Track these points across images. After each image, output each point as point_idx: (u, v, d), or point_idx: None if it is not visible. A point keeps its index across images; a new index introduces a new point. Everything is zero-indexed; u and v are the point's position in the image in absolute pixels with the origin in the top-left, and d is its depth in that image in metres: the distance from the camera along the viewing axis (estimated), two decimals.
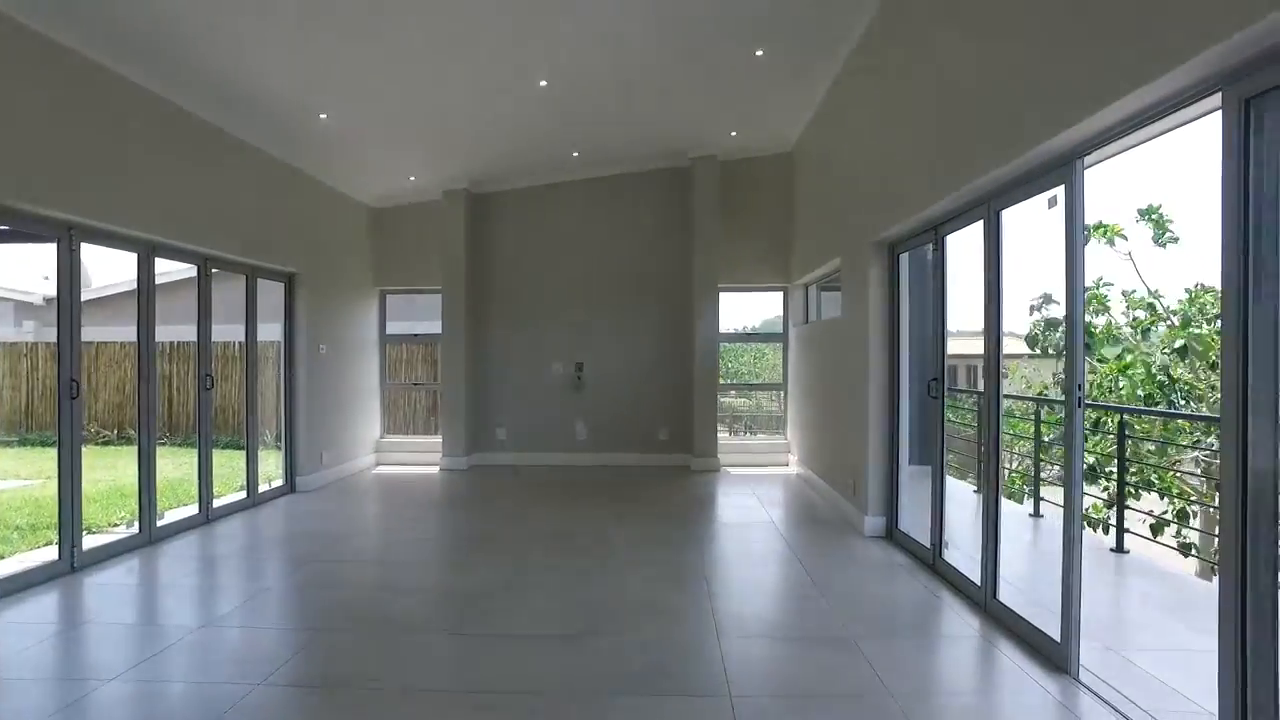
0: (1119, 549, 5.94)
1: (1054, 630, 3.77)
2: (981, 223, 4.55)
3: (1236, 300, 2.66)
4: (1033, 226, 4.15)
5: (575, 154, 9.19)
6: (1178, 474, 8.93)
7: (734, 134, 8.82)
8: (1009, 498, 9.05)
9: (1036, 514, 7.04)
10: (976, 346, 5.21)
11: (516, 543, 6.18)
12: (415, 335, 10.80)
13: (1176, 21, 2.70)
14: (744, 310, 11.61)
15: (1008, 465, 10.31)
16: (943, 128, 4.80)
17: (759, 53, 6.54)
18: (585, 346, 10.21)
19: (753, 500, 7.87)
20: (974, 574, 4.68)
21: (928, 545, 5.42)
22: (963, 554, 5.12)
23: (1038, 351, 10.36)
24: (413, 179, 9.39)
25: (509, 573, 5.34)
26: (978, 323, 4.75)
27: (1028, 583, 4.71)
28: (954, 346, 5.86)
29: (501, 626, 4.31)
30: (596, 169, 9.93)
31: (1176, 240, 9.87)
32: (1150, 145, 3.59)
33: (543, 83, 6.75)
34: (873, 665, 3.75)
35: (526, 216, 10.29)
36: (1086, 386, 9.61)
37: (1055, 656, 3.73)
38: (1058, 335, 10.16)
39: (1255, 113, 2.61)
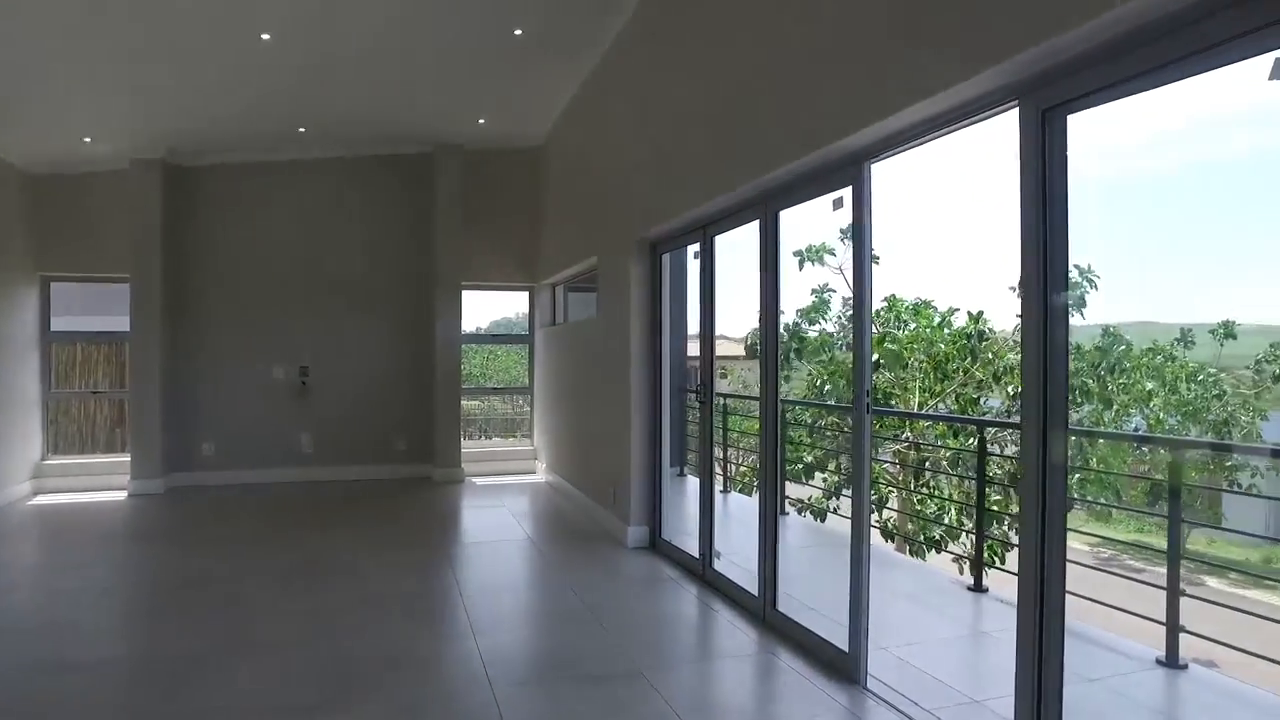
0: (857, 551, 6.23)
1: (840, 639, 3.68)
2: (758, 223, 4.43)
3: (1038, 305, 2.64)
4: (811, 227, 4.10)
5: (302, 129, 7.99)
6: (881, 463, 9.81)
7: (482, 121, 8.20)
8: (740, 491, 9.37)
9: (782, 512, 7.25)
10: (732, 349, 5.16)
11: (231, 584, 5.06)
12: (95, 333, 8.78)
13: (981, 27, 2.63)
14: (488, 309, 11.02)
15: (736, 462, 10.76)
16: (719, 125, 4.63)
17: (517, 32, 6.02)
18: (312, 347, 8.96)
19: (504, 513, 7.30)
20: (749, 584, 4.55)
21: (696, 555, 5.25)
22: (734, 562, 5.00)
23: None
24: (88, 140, 7.57)
25: (223, 626, 4.30)
26: (736, 325, 4.65)
27: (801, 587, 4.67)
28: (697, 348, 5.79)
29: (218, 702, 3.36)
30: (328, 148, 8.75)
31: (877, 260, 10.89)
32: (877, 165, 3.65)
33: (265, 36, 5.66)
34: (665, 698, 3.40)
35: (242, 196, 8.78)
36: (823, 389, 10.30)
37: (843, 667, 3.65)
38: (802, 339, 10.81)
39: (1052, 123, 2.61)
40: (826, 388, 10.39)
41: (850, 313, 11.02)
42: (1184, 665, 3.80)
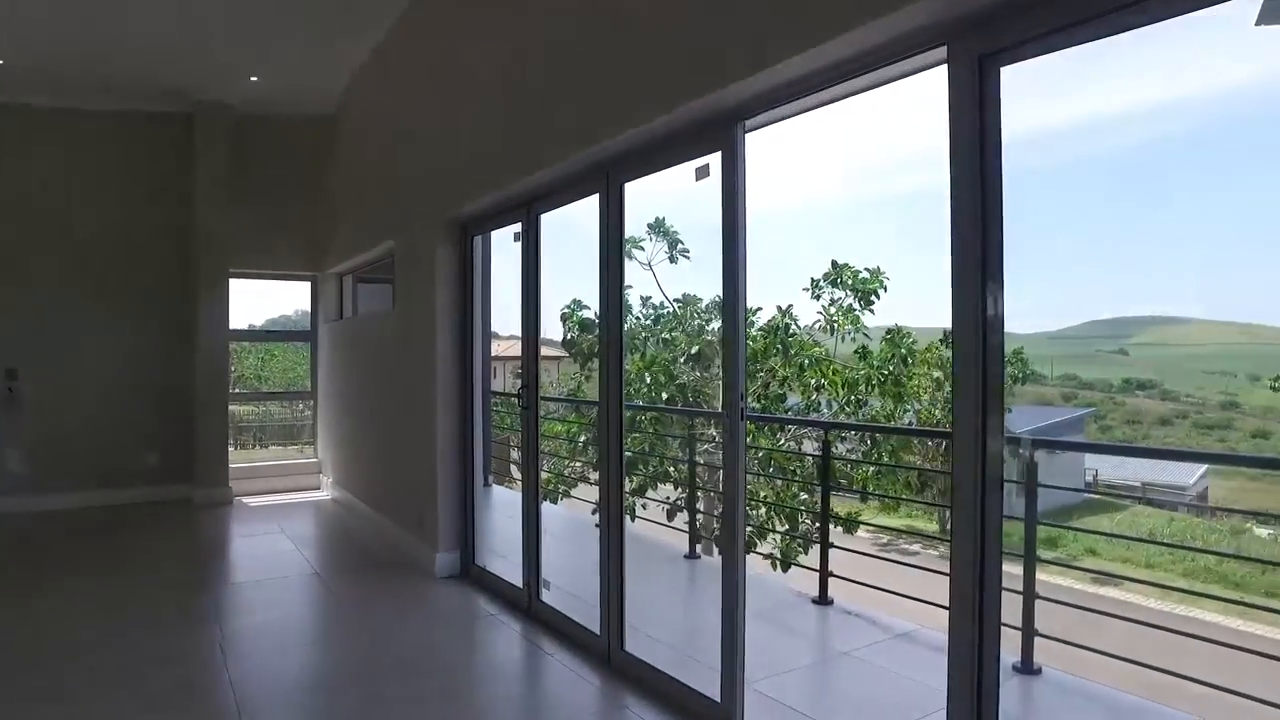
0: (691, 554, 5.73)
1: (710, 686, 3.06)
2: (597, 196, 3.72)
3: (973, 297, 2.15)
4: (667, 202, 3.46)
5: (1, 62, 6.21)
6: (683, 464, 9.47)
7: (255, 79, 6.82)
8: (548, 499, 8.65)
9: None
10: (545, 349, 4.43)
11: None
12: None
13: None
14: (269, 304, 9.46)
15: (552, 470, 10.03)
16: (549, 81, 3.87)
17: None
18: (26, 347, 7.08)
19: (283, 541, 6.04)
20: (588, 619, 3.82)
21: (520, 585, 4.44)
22: (569, 592, 4.25)
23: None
24: None
25: None
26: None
27: (655, 620, 4.01)
28: (506, 348, 5.03)
29: None
30: (49, 93, 6.93)
31: (688, 255, 10.59)
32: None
33: None
34: None
35: None
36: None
37: (716, 718, 3.02)
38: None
39: (989, 73, 2.12)
40: (643, 387, 9.95)
41: (666, 311, 10.67)
42: (1038, 670, 3.59)
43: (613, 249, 3.66)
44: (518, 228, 4.53)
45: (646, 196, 3.86)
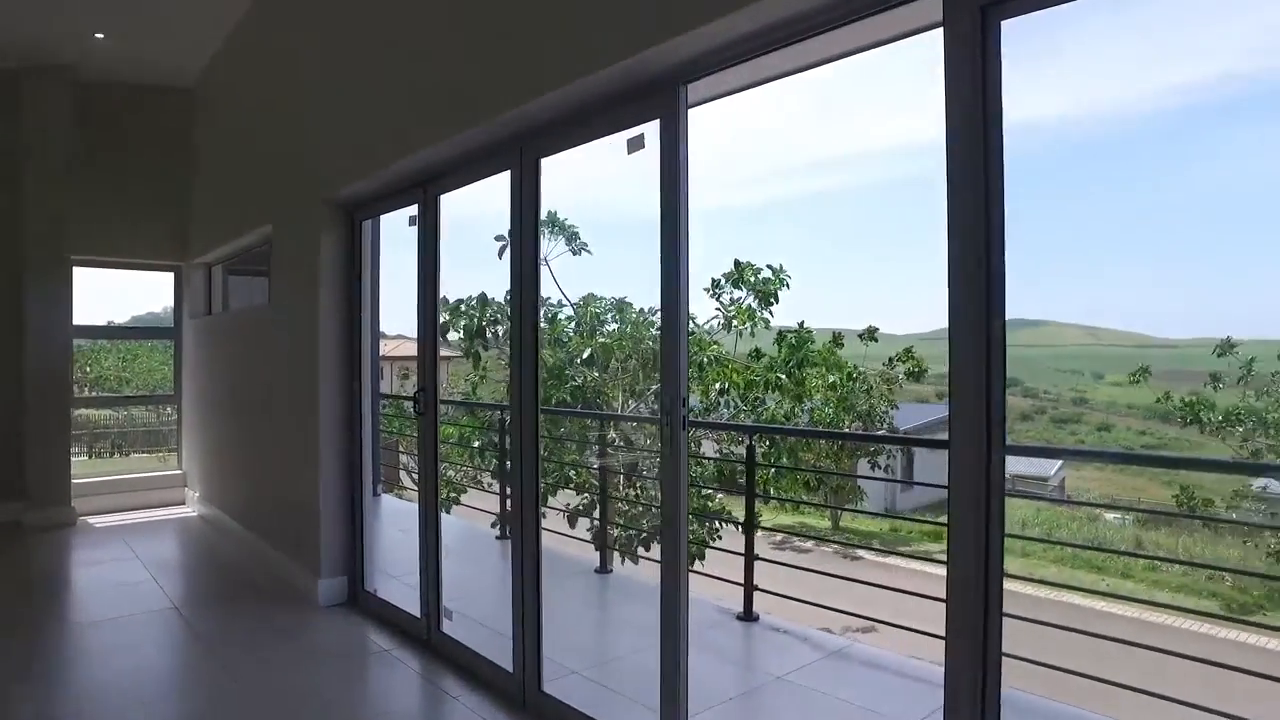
0: (603, 568, 5.30)
1: None
2: (509, 173, 3.24)
3: (976, 292, 1.82)
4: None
5: None
6: (585, 469, 9.03)
7: (100, 36, 5.89)
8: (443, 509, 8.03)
9: (503, 536, 6.08)
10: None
11: None
12: None
13: None
14: (128, 297, 8.34)
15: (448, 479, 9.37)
16: (448, 42, 3.35)
17: None
18: None
19: (137, 569, 5.19)
20: (499, 653, 3.33)
21: (418, 614, 3.88)
22: (476, 621, 3.74)
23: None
24: None
25: None
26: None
27: (578, 650, 3.55)
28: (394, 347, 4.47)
29: None
30: None
31: (588, 250, 10.15)
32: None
33: None
34: None
35: None
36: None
37: None
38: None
39: (991, 27, 1.79)
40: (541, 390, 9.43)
41: (568, 312, 10.17)
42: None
43: (527, 234, 3.19)
44: (414, 210, 3.97)
45: (561, 179, 3.42)
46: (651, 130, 2.59)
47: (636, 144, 2.69)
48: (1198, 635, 9.26)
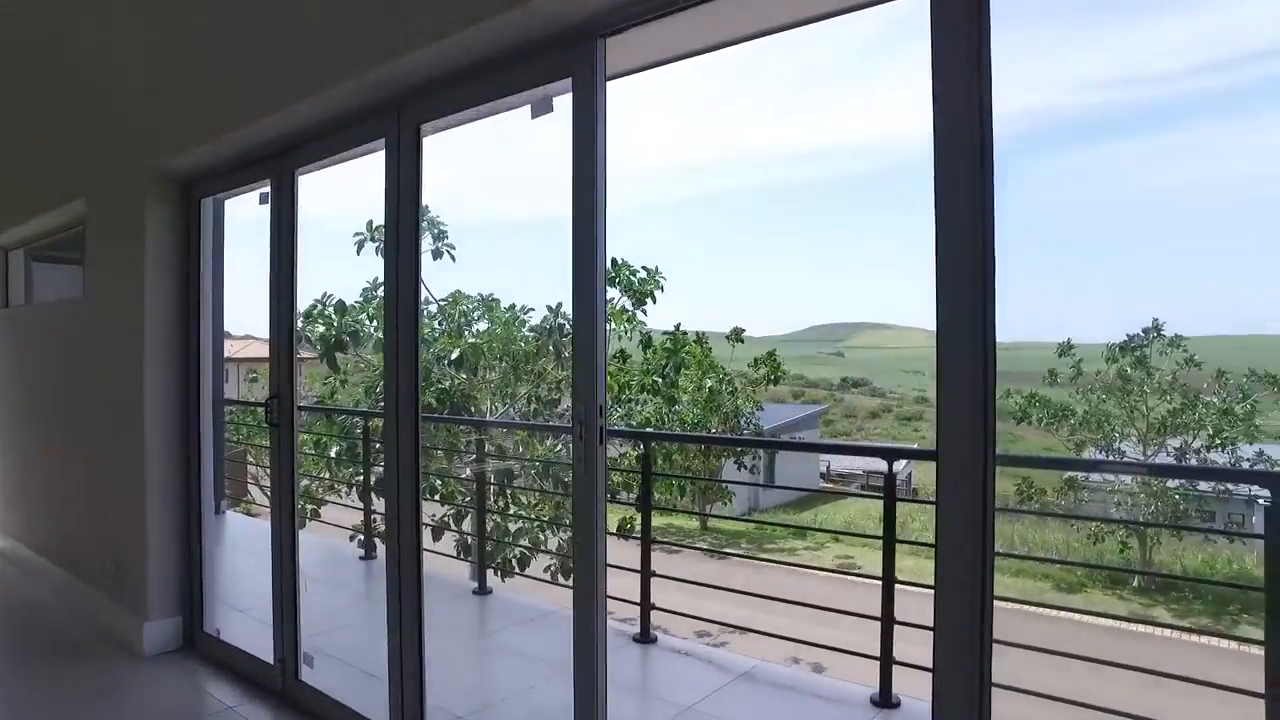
0: (482, 589, 4.82)
1: None
2: (384, 144, 2.74)
3: (971, 294, 1.55)
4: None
5: None
6: (457, 480, 8.46)
7: None
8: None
9: (369, 556, 5.49)
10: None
11: None
12: None
13: None
14: None
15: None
16: None
17: None
18: None
19: None
20: (372, 706, 2.81)
21: (271, 660, 3.27)
22: (339, 661, 3.19)
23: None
24: None
25: None
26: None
27: (454, 693, 3.07)
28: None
29: None
30: None
31: (453, 252, 9.49)
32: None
33: None
34: None
35: None
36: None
37: None
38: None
39: None
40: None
41: (433, 309, 9.51)
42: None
43: (405, 211, 2.71)
44: (267, 187, 3.37)
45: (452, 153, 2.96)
46: (562, 90, 2.20)
47: (543, 107, 2.29)
48: (1038, 616, 9.85)
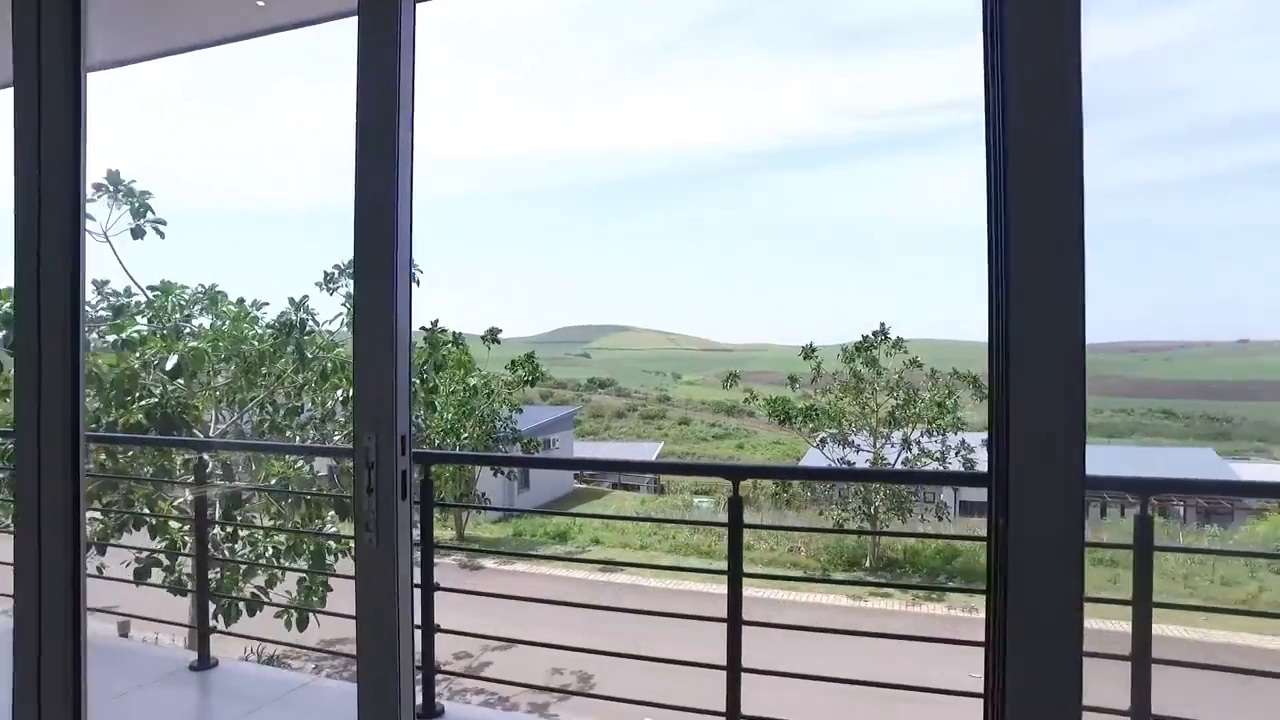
0: (204, 662, 3.62)
1: None
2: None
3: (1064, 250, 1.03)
4: None
5: None
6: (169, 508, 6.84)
7: None
8: None
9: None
10: None
11: None
12: None
13: None
14: None
15: None
16: None
17: None
18: None
19: None
20: None
21: None
22: None
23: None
24: None
25: None
26: None
27: None
28: None
29: None
30: None
31: (163, 228, 7.69)
32: None
33: None
34: None
35: None
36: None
37: None
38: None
39: None
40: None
41: (135, 301, 7.70)
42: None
43: (55, 152, 1.69)
44: None
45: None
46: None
47: None
48: (795, 603, 10.31)
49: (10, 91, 1.70)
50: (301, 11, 1.59)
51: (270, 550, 6.93)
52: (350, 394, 8.80)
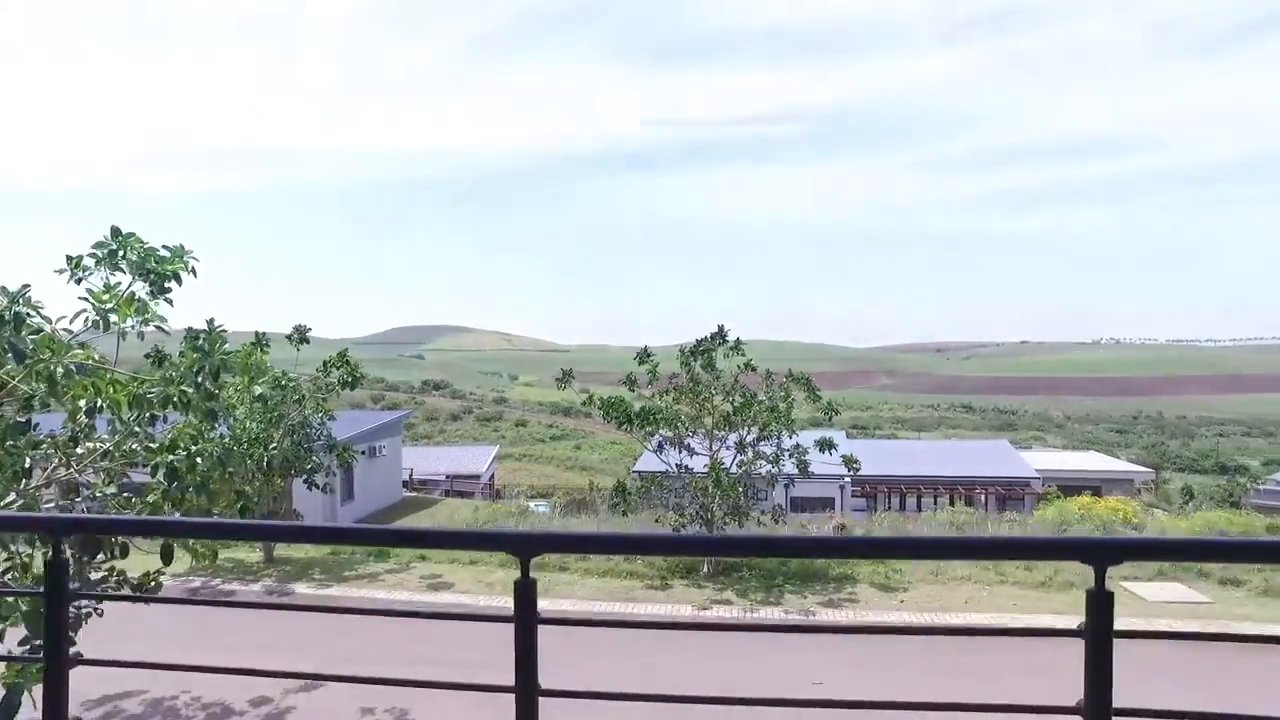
0: None
1: None
2: None
3: None
4: None
5: None
6: None
7: None
8: None
9: None
10: None
11: None
12: None
13: None
14: None
15: None
16: None
17: None
18: None
19: None
20: None
21: None
22: None
23: None
24: None
25: None
26: None
27: None
28: None
29: None
30: None
31: None
32: None
33: None
34: None
35: None
36: None
37: None
38: None
39: None
40: None
41: None
42: None
43: None
44: None
45: None
46: None
47: None
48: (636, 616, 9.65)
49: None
50: None
51: None
52: (96, 405, 7.09)
